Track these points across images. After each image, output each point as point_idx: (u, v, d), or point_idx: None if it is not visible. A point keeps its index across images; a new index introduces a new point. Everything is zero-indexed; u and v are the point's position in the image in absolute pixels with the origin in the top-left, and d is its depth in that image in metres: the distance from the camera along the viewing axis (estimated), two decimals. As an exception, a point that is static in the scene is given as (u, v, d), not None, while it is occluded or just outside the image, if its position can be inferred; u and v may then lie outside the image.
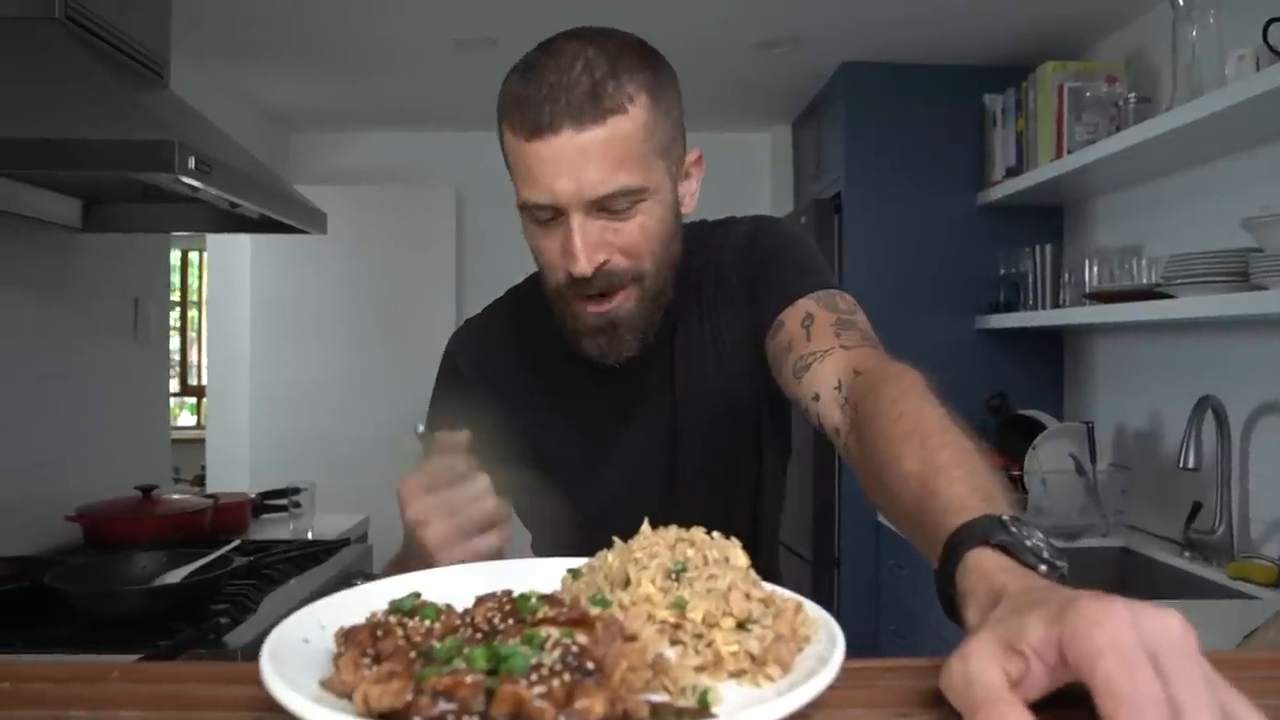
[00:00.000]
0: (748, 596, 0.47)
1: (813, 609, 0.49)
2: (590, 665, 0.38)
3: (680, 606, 0.46)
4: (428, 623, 0.44)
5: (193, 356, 6.24)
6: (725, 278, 1.02)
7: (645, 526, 0.54)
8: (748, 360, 1.00)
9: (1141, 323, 2.33)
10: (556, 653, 0.38)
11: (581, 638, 0.40)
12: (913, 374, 0.76)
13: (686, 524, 0.58)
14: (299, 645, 0.45)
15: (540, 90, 0.83)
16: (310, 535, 2.33)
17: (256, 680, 0.48)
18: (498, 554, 0.75)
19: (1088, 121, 2.39)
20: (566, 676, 0.36)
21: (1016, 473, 2.38)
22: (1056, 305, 2.60)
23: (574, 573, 0.55)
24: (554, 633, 0.40)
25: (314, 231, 2.20)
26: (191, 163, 1.46)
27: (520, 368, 1.06)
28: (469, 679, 0.35)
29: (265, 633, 1.46)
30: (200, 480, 4.39)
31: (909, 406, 0.70)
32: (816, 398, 0.84)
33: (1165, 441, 2.35)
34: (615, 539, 0.55)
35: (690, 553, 0.50)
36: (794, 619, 0.47)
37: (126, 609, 1.53)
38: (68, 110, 1.49)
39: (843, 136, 2.96)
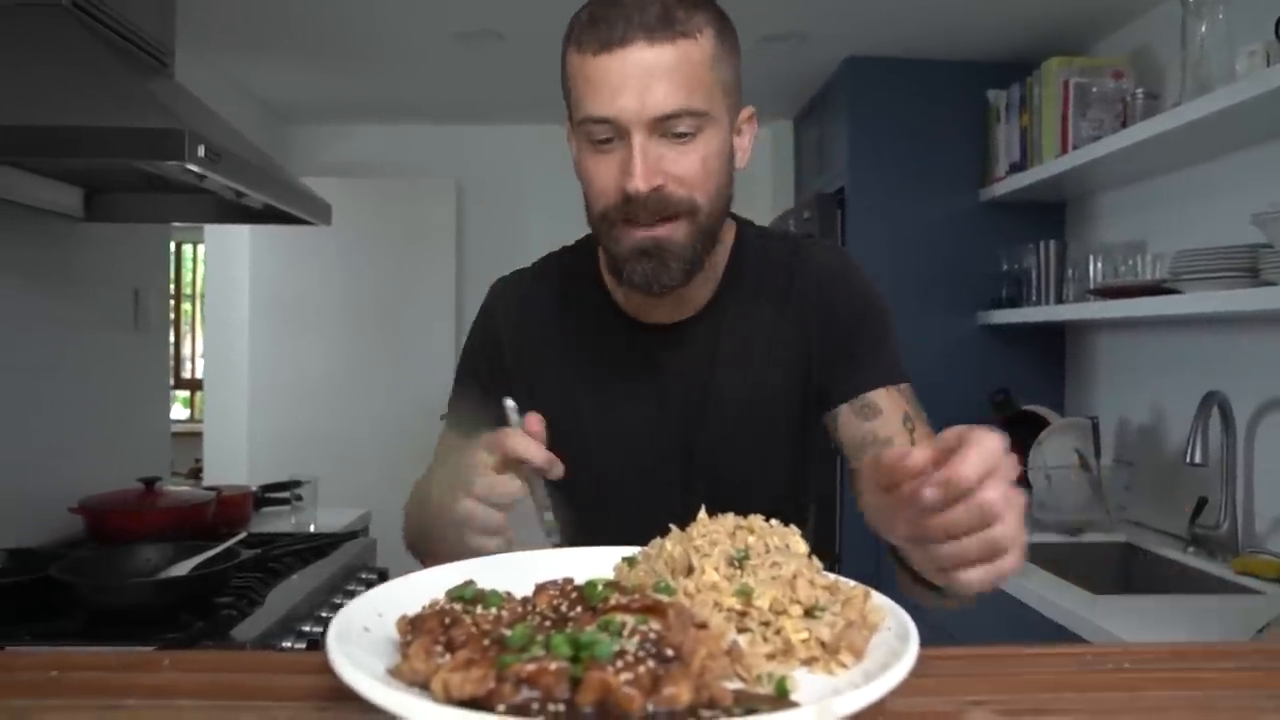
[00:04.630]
0: (812, 584, 0.47)
1: (879, 597, 0.49)
2: (669, 652, 0.37)
3: (746, 594, 0.46)
4: (494, 610, 0.43)
5: (185, 349, 6.20)
6: (790, 299, 1.02)
7: (703, 514, 0.53)
8: (789, 380, 1.01)
9: (1146, 318, 2.33)
10: (635, 639, 0.37)
11: (655, 624, 0.39)
12: None
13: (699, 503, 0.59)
14: (360, 634, 0.44)
15: (613, 10, 0.86)
16: (313, 529, 2.31)
17: (314, 670, 0.47)
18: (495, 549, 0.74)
19: (1093, 117, 2.39)
20: (650, 663, 0.35)
21: (1020, 469, 2.38)
22: (1060, 301, 2.61)
23: (629, 560, 0.54)
24: (629, 620, 0.39)
25: (318, 222, 2.18)
26: (201, 151, 1.45)
27: (554, 318, 1.06)
28: (553, 666, 0.35)
29: (273, 626, 1.43)
30: (195, 474, 4.37)
31: None
32: None
33: (1169, 437, 2.36)
34: (673, 527, 0.54)
35: (751, 540, 0.50)
36: (863, 606, 0.46)
37: (133, 601, 1.52)
38: (75, 97, 1.47)
39: (846, 131, 2.95)
